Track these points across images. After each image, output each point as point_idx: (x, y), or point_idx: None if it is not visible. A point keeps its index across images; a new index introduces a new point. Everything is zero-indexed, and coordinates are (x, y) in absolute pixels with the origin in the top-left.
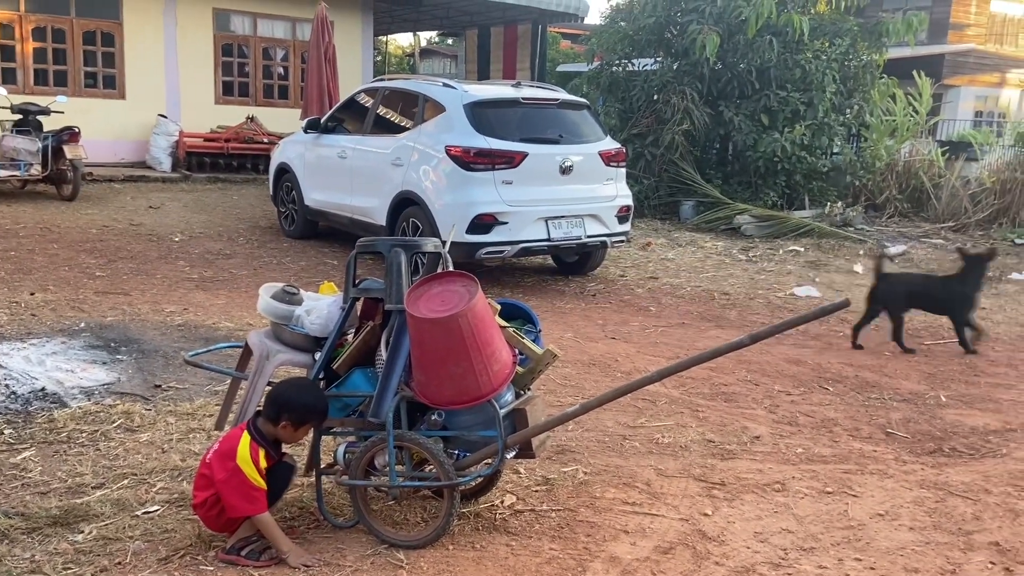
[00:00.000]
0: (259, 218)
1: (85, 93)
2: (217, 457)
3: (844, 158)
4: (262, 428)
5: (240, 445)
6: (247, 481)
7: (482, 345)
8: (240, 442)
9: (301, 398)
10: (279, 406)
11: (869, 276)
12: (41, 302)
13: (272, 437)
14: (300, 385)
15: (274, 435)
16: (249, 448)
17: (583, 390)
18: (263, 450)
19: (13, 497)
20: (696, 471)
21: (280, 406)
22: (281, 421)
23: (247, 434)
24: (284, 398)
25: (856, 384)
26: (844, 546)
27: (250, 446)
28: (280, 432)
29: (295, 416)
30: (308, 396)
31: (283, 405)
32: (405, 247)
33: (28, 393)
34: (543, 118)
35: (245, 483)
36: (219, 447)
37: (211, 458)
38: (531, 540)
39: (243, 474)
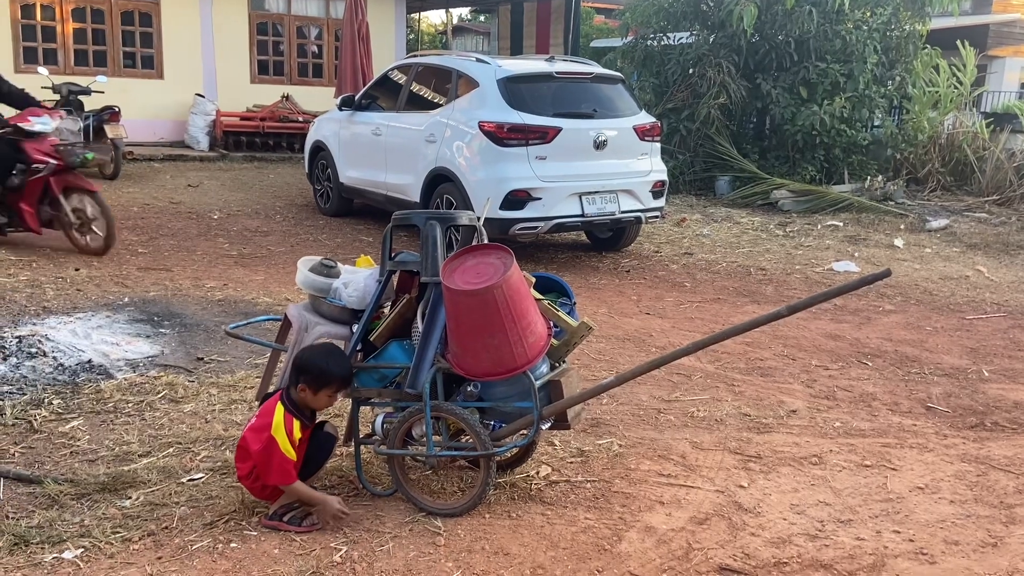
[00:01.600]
0: (295, 196)
1: (124, 73)
2: (253, 430)
3: (885, 131)
4: (294, 397)
5: (275, 416)
6: (279, 452)
7: (517, 317)
8: (275, 413)
9: (316, 360)
10: (298, 368)
11: (908, 251)
12: (86, 278)
13: (304, 405)
14: (321, 351)
15: (305, 403)
16: (283, 418)
17: (617, 364)
18: (297, 421)
19: (62, 464)
20: (732, 444)
21: (298, 368)
22: (299, 383)
23: (280, 404)
24: (303, 360)
25: (896, 359)
26: (882, 518)
27: (284, 416)
28: (303, 396)
29: (310, 380)
30: (324, 360)
31: (301, 367)
32: (440, 220)
33: (75, 365)
34: (577, 92)
35: (277, 453)
36: (256, 420)
37: (248, 432)
38: (566, 510)
39: (276, 444)
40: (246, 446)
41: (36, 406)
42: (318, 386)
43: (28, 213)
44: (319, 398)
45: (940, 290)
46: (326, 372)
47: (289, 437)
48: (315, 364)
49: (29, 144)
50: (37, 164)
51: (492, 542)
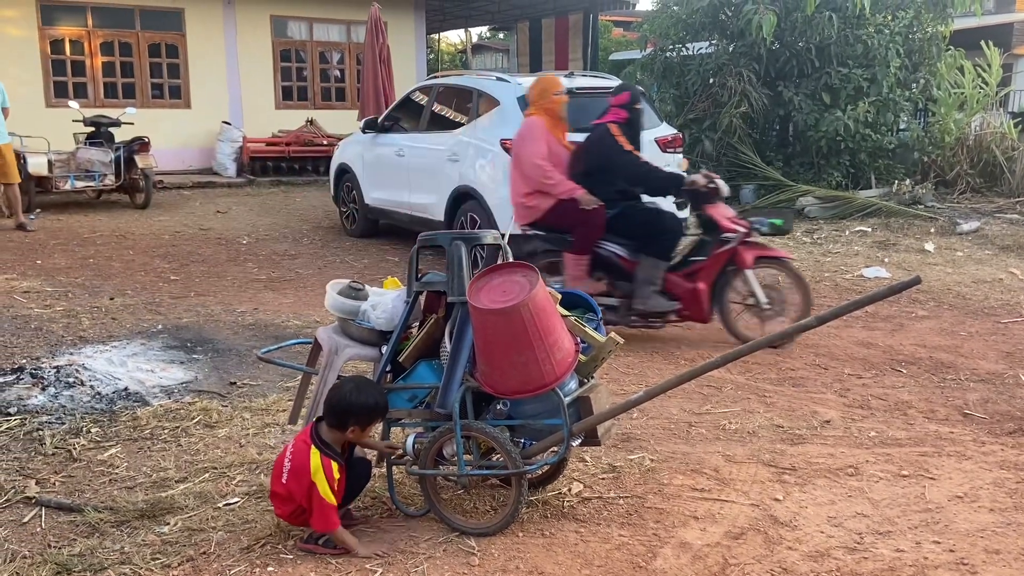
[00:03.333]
0: (321, 219)
1: (153, 104)
2: (291, 476)
3: (911, 134)
4: (327, 438)
5: (312, 461)
6: (322, 500)
7: (544, 334)
8: (311, 458)
9: (363, 400)
10: (343, 412)
11: (939, 255)
12: (120, 306)
13: (339, 443)
14: (358, 388)
15: (340, 441)
16: (321, 463)
17: (646, 378)
18: (335, 463)
19: (102, 492)
20: (765, 456)
21: (344, 412)
22: (349, 427)
23: (315, 448)
24: (346, 404)
25: (930, 365)
26: (922, 529)
27: (322, 460)
28: (349, 436)
29: (362, 419)
30: (369, 396)
31: (347, 411)
32: (465, 240)
33: (112, 393)
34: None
35: (321, 502)
36: (291, 465)
37: (286, 478)
38: (600, 527)
39: (318, 491)
40: (288, 494)
41: (75, 435)
42: (368, 424)
43: (700, 295)
44: (365, 434)
45: (973, 294)
46: (374, 409)
47: (329, 482)
48: (364, 405)
49: (713, 209)
50: (727, 234)
51: (526, 561)
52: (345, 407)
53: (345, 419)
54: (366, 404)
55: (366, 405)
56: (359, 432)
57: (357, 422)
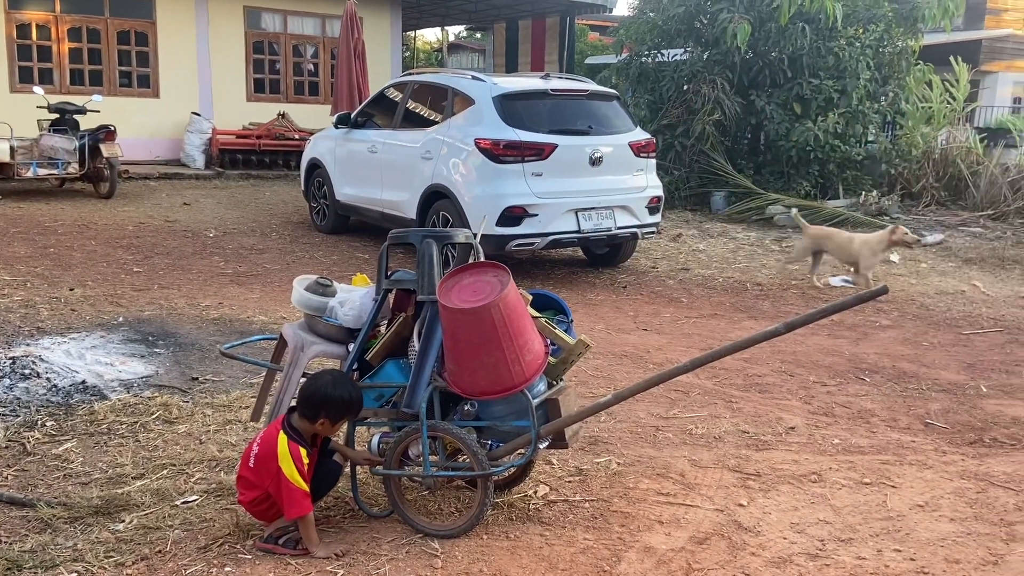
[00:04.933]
0: (291, 214)
1: (120, 92)
2: (259, 461)
3: (879, 146)
4: (297, 426)
5: (279, 447)
6: (290, 485)
7: (514, 335)
8: (279, 444)
9: (338, 393)
10: (316, 404)
11: (904, 266)
12: (80, 297)
13: (309, 433)
14: (335, 381)
15: (311, 431)
16: (288, 448)
17: (615, 381)
18: (303, 448)
19: (55, 487)
20: (731, 462)
21: (317, 404)
22: (320, 419)
23: (283, 434)
24: (320, 396)
25: (893, 374)
26: (883, 537)
27: (289, 446)
28: (318, 428)
29: (333, 413)
30: (344, 391)
31: (320, 403)
32: (437, 238)
33: (69, 386)
34: (572, 109)
35: (289, 487)
36: (259, 451)
37: (254, 462)
38: (565, 530)
39: (285, 477)
40: (255, 479)
41: (29, 428)
42: (339, 418)
43: None
44: (335, 428)
45: (936, 305)
46: (348, 404)
47: (297, 466)
48: (337, 398)
49: None
50: None
51: (490, 564)
52: (319, 399)
53: (317, 410)
54: (340, 398)
55: (340, 399)
56: (329, 425)
57: (328, 415)
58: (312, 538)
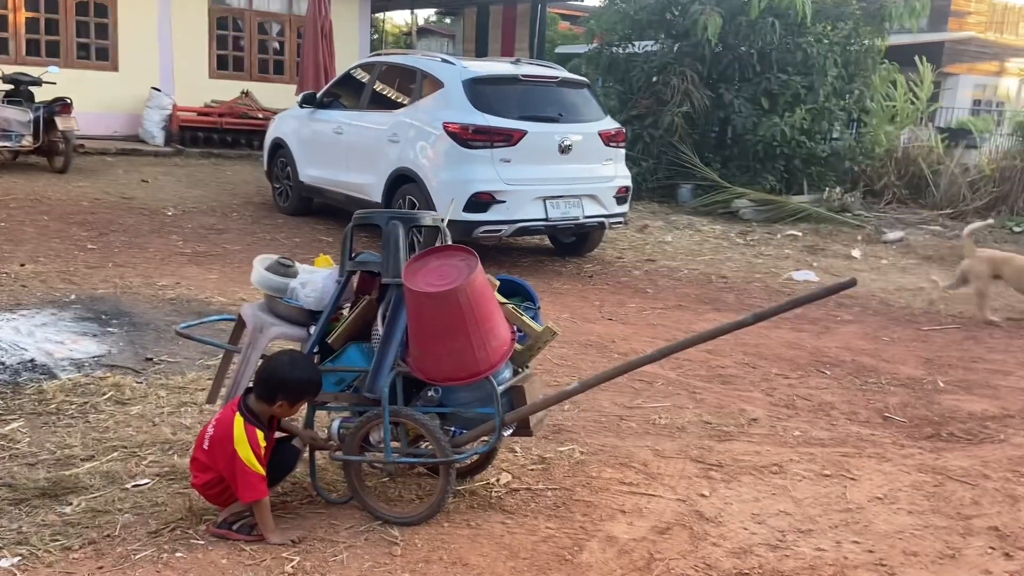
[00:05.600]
0: (253, 194)
1: (78, 64)
2: (214, 443)
3: (843, 143)
4: (254, 408)
5: (235, 429)
6: (246, 468)
7: (481, 321)
8: (235, 426)
9: (295, 375)
10: (273, 385)
11: (865, 261)
12: (31, 273)
13: (266, 416)
14: (292, 361)
15: (268, 413)
16: (245, 431)
17: (580, 370)
18: (260, 431)
19: (0, 468)
20: (693, 452)
21: (274, 386)
22: (277, 400)
23: (239, 416)
24: (278, 377)
25: (853, 368)
26: (842, 528)
27: (245, 428)
28: (276, 410)
29: (291, 395)
30: (302, 372)
31: (278, 384)
32: (403, 220)
33: (17, 364)
34: (542, 96)
35: (244, 470)
36: (214, 432)
37: (208, 444)
38: (527, 519)
39: (241, 460)
40: (209, 461)
41: None
42: (297, 400)
43: None
44: (293, 410)
45: (896, 301)
46: (306, 386)
47: (254, 449)
48: (295, 379)
49: None
50: None
51: (450, 552)
52: (276, 380)
53: (275, 392)
54: (299, 379)
55: (298, 380)
56: (287, 407)
57: (286, 397)
58: (268, 523)
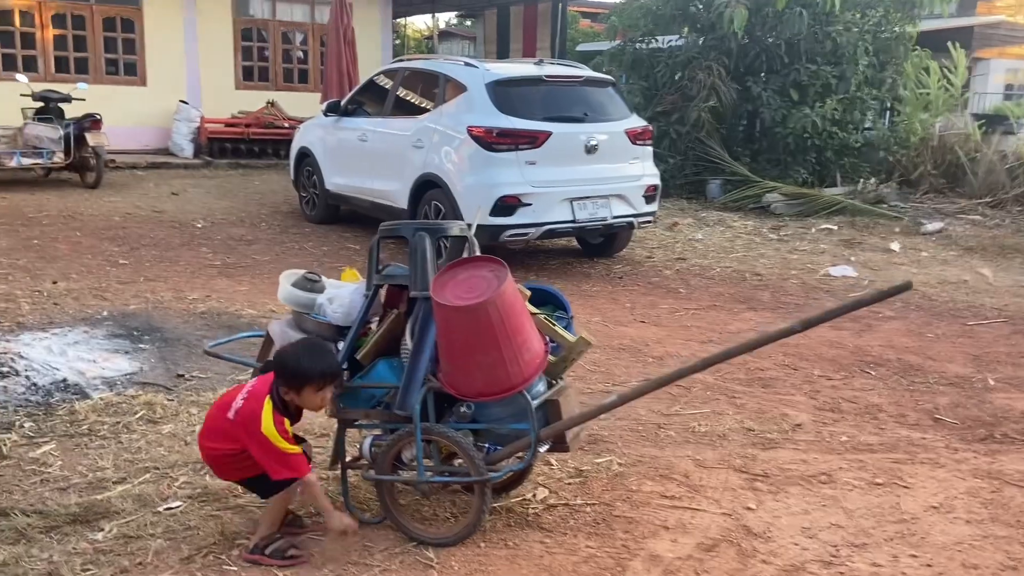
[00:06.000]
0: (281, 203)
1: (106, 80)
2: (242, 417)
3: (877, 133)
4: (284, 397)
5: (264, 415)
6: (280, 450)
7: (512, 333)
8: (263, 411)
9: (317, 366)
10: (298, 378)
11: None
12: (64, 290)
13: (294, 405)
14: (309, 351)
15: (296, 403)
16: (273, 420)
17: (613, 376)
18: (287, 419)
19: (32, 494)
20: (736, 462)
21: (299, 378)
22: (304, 391)
23: (270, 403)
24: (301, 370)
25: (899, 368)
26: (898, 541)
27: (274, 418)
28: (304, 400)
29: (287, 379)
30: (321, 361)
31: (302, 376)
32: (430, 231)
33: (49, 384)
34: (567, 96)
35: (279, 452)
36: (243, 405)
37: (235, 415)
38: (566, 537)
39: (272, 444)
40: (228, 428)
41: (6, 430)
42: (298, 386)
43: None
44: (305, 398)
45: (939, 295)
46: (329, 374)
47: (284, 436)
48: (318, 370)
49: None
50: None
51: (488, 574)
52: (301, 372)
53: (301, 383)
54: (321, 369)
55: (321, 370)
56: (293, 395)
57: (285, 383)
58: (323, 504)
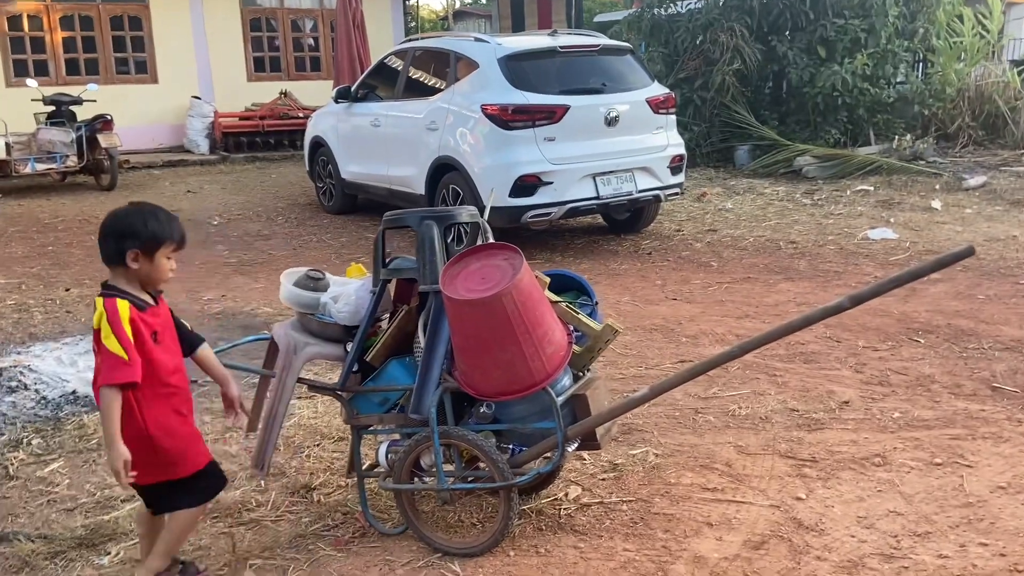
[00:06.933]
0: (297, 195)
1: (118, 80)
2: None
3: (910, 87)
4: (113, 283)
5: (95, 316)
6: (105, 349)
7: (531, 326)
8: (95, 313)
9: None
10: (113, 239)
11: (947, 212)
12: (77, 298)
13: (136, 280)
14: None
15: (140, 279)
16: (104, 306)
17: (645, 359)
18: (123, 300)
19: (37, 516)
20: (782, 446)
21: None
22: (128, 255)
23: (99, 297)
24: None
25: (950, 334)
26: (964, 528)
27: (104, 304)
28: (134, 268)
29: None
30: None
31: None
32: (437, 219)
33: (59, 398)
34: (584, 67)
35: (104, 351)
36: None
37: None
38: (602, 540)
39: (99, 339)
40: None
41: (14, 447)
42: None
43: None
44: (158, 265)
45: (987, 254)
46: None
47: (116, 328)
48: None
49: None
50: None
51: None
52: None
53: (119, 246)
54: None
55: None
56: (145, 263)
57: (136, 245)
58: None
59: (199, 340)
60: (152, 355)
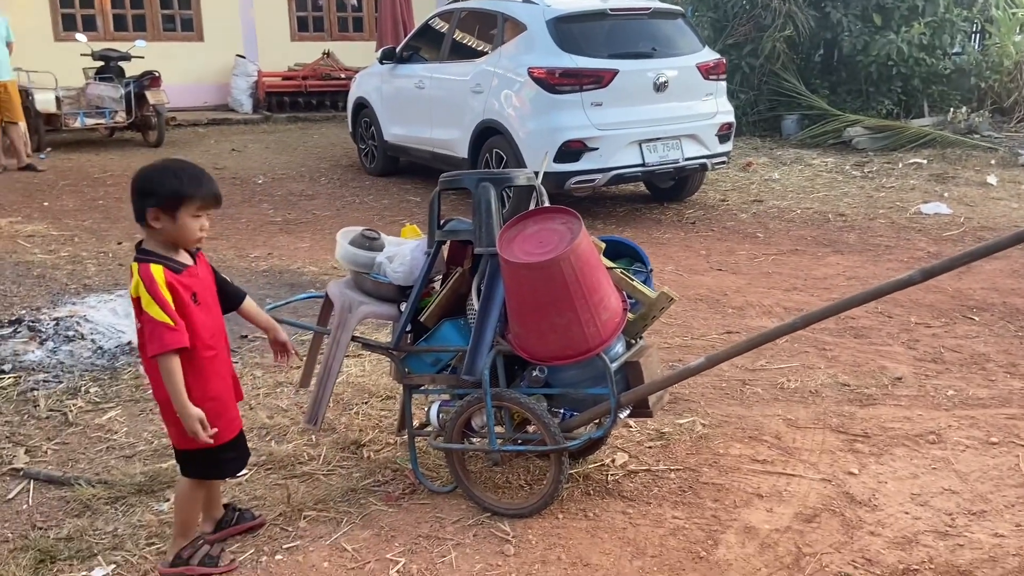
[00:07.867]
0: (340, 156)
1: (164, 37)
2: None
3: (967, 58)
4: (147, 246)
5: (132, 280)
6: (148, 317)
7: (588, 291)
8: (132, 278)
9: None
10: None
11: (1003, 188)
12: (128, 251)
13: (167, 243)
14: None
15: (165, 239)
16: (140, 273)
17: (691, 329)
18: (158, 265)
19: (97, 462)
20: (832, 420)
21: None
22: (149, 215)
23: (134, 263)
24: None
25: (1005, 311)
26: (1021, 508)
27: (140, 270)
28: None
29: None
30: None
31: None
32: (494, 181)
33: (115, 348)
34: (633, 30)
35: (147, 320)
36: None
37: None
38: (650, 507)
39: (141, 307)
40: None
41: (72, 395)
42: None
43: None
44: (182, 224)
45: None
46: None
47: (155, 295)
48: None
49: None
50: None
51: (569, 550)
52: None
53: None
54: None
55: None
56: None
57: (156, 204)
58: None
59: (242, 294)
60: (192, 317)
